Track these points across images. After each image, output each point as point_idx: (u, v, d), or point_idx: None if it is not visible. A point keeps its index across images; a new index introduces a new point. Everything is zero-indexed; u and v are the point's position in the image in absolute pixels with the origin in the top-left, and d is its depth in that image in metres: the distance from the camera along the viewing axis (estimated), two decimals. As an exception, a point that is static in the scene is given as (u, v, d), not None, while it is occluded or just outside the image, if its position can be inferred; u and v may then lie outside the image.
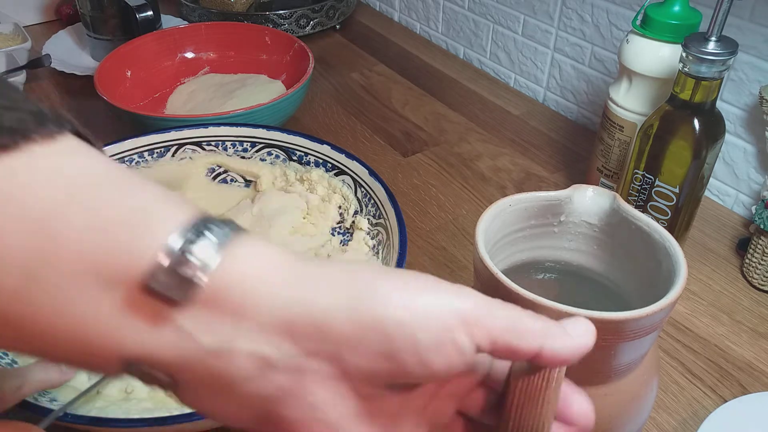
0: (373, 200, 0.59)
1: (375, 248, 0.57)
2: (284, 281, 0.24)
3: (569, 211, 0.41)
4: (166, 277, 0.23)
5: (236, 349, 0.24)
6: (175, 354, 0.24)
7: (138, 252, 0.23)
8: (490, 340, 0.25)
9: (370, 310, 0.24)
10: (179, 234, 0.23)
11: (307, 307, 0.24)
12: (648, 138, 0.51)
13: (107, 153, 0.28)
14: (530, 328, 0.25)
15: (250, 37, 0.90)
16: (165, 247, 0.23)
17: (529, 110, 0.90)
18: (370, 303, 0.24)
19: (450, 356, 0.24)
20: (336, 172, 0.63)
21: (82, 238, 0.23)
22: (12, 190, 0.23)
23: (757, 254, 0.61)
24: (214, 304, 0.24)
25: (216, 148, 0.66)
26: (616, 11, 0.78)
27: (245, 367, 0.24)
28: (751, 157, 0.69)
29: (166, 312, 0.24)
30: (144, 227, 0.23)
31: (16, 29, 0.96)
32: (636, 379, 0.38)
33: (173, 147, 0.65)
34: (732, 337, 0.57)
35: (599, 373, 0.36)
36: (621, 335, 0.33)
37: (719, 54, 0.47)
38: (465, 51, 1.02)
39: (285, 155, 0.65)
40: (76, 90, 0.91)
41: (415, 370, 0.24)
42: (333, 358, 0.24)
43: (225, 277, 0.24)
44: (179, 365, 0.25)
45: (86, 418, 0.42)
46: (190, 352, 0.24)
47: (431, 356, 0.24)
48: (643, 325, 0.33)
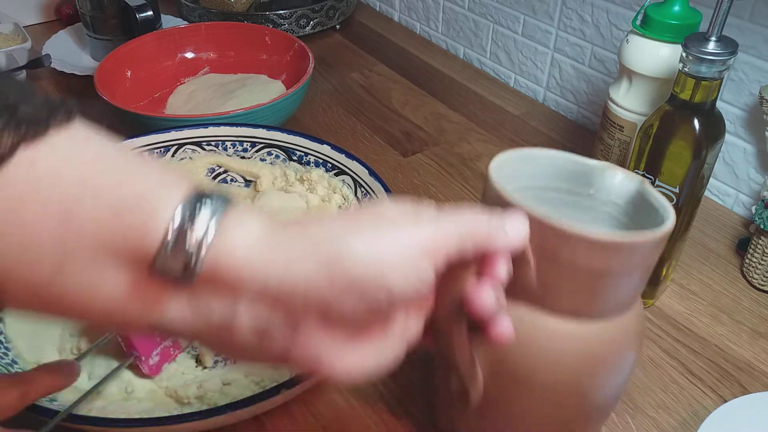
0: (373, 201, 0.59)
1: None
2: (271, 255, 0.27)
3: (599, 186, 0.40)
4: (171, 255, 0.25)
5: (237, 324, 0.28)
6: (186, 327, 0.28)
7: (145, 234, 0.26)
8: (446, 260, 0.30)
9: (345, 272, 0.27)
10: (180, 211, 0.26)
11: (292, 280, 0.27)
12: (648, 138, 0.51)
13: (144, 141, 0.34)
14: (478, 239, 0.31)
15: (250, 37, 0.89)
16: (166, 229, 0.25)
17: (529, 110, 0.90)
18: (345, 264, 0.27)
19: (416, 284, 0.29)
20: (336, 172, 0.63)
21: (99, 225, 0.25)
22: (35, 182, 0.25)
23: (757, 254, 0.61)
24: (214, 280, 0.27)
25: (216, 148, 0.66)
26: (616, 11, 0.78)
27: (247, 338, 0.29)
28: (751, 157, 0.69)
29: (174, 290, 0.27)
30: (149, 210, 0.26)
31: (16, 29, 0.96)
32: (616, 336, 0.38)
33: (173, 147, 0.65)
34: (732, 337, 0.57)
35: (586, 305, 0.37)
36: (612, 259, 0.34)
37: (719, 54, 0.47)
38: (465, 51, 1.02)
39: (285, 155, 0.65)
40: (75, 90, 0.91)
41: (388, 304, 0.29)
42: (319, 315, 0.29)
43: (221, 251, 0.26)
44: (193, 334, 0.29)
45: (86, 418, 0.42)
46: (199, 327, 0.28)
47: (401, 290, 0.28)
48: (633, 255, 0.35)
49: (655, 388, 0.53)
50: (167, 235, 0.25)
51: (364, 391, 0.52)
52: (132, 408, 0.46)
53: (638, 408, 0.51)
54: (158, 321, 0.28)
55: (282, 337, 0.29)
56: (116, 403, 0.46)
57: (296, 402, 0.51)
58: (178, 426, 0.41)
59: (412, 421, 0.50)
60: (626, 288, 0.37)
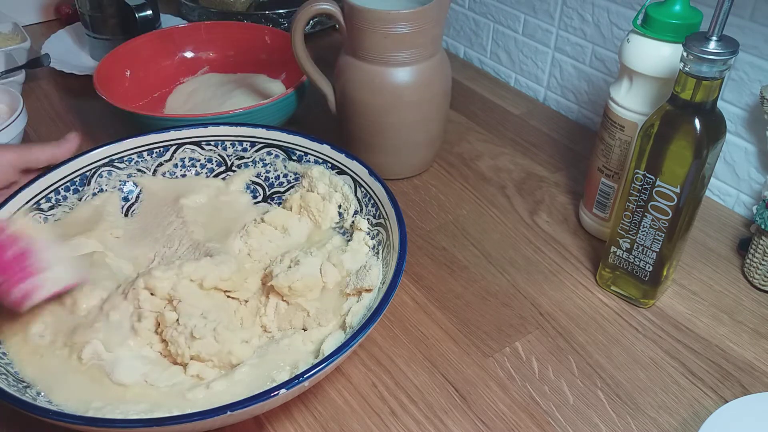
0: (373, 200, 0.59)
1: (375, 248, 0.57)
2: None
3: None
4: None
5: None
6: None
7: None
8: (23, 167, 0.60)
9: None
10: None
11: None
12: (649, 138, 0.51)
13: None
14: (37, 158, 0.60)
15: (250, 37, 0.89)
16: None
17: (530, 110, 0.90)
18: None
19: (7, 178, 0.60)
20: (337, 171, 0.62)
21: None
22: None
23: (758, 254, 0.61)
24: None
25: (215, 147, 0.66)
26: (617, 11, 0.77)
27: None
28: (752, 157, 0.69)
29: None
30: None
31: (15, 29, 0.95)
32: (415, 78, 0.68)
33: (172, 147, 0.65)
34: (733, 338, 0.57)
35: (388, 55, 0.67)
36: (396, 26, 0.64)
37: (720, 54, 0.47)
38: (465, 50, 1.02)
39: (285, 155, 0.65)
40: (75, 90, 0.91)
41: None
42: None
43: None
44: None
45: (84, 418, 0.42)
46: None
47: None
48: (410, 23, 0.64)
49: (656, 389, 0.53)
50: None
51: (363, 390, 0.52)
52: (129, 409, 0.45)
53: (639, 408, 0.51)
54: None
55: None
56: (113, 403, 0.46)
57: (296, 402, 0.51)
58: (177, 427, 0.41)
59: (412, 421, 0.50)
60: (411, 45, 0.66)
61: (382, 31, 0.65)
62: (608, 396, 0.52)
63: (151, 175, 0.65)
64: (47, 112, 0.86)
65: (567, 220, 0.70)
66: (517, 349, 0.56)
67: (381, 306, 0.47)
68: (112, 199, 0.62)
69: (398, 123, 0.69)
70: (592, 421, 0.50)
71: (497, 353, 0.55)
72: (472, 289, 0.61)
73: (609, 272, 0.60)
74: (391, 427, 0.50)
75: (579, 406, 0.51)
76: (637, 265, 0.57)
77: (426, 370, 0.54)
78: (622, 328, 0.58)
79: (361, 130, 0.71)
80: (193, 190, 0.64)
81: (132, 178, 0.64)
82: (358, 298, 0.53)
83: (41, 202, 0.58)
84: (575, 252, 0.66)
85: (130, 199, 0.64)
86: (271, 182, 0.66)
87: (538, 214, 0.71)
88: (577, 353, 0.56)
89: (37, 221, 0.57)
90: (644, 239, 0.56)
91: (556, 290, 0.61)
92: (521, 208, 0.72)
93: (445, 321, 0.58)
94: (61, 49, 0.97)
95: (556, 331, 0.57)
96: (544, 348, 0.56)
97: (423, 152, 0.74)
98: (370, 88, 0.68)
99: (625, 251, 0.58)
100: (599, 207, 0.65)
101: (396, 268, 0.50)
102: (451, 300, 0.60)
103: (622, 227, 0.57)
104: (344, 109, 0.72)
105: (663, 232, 0.54)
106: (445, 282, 0.62)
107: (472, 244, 0.67)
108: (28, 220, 0.53)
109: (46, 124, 0.84)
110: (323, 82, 0.73)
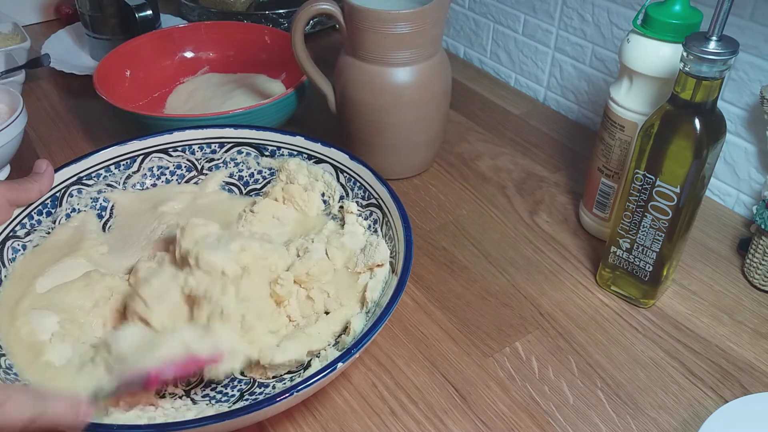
0: (359, 183, 0.60)
1: (371, 227, 0.58)
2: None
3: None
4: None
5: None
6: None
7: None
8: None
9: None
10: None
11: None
12: (649, 138, 0.51)
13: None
14: (28, 196, 0.56)
15: (250, 37, 0.89)
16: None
17: (530, 110, 0.90)
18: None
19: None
20: (315, 161, 0.63)
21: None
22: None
23: (758, 254, 0.61)
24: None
25: (183, 153, 0.65)
26: (617, 11, 0.77)
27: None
28: (752, 157, 0.69)
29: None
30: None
31: (15, 28, 0.95)
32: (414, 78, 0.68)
33: (139, 157, 0.64)
34: (733, 338, 0.57)
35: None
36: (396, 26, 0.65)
37: (720, 54, 0.47)
38: (465, 50, 1.02)
39: (256, 152, 0.65)
40: (75, 90, 0.91)
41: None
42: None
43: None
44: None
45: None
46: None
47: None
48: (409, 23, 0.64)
49: (656, 389, 0.53)
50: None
51: (363, 391, 0.52)
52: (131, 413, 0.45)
53: (639, 408, 0.51)
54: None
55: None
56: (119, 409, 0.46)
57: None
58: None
59: (412, 421, 0.50)
60: (411, 45, 0.66)
61: (382, 31, 0.65)
62: (608, 396, 0.52)
63: (122, 188, 0.63)
64: (47, 112, 0.86)
65: (567, 220, 0.70)
66: (517, 349, 0.56)
67: (386, 311, 0.47)
68: (89, 217, 0.61)
69: (398, 123, 0.70)
70: (592, 421, 0.50)
71: (497, 353, 0.55)
72: (472, 289, 0.62)
73: (609, 272, 0.60)
74: (391, 427, 0.50)
75: (579, 406, 0.51)
76: (637, 265, 0.57)
77: (426, 370, 0.54)
78: (622, 328, 0.58)
79: (361, 130, 0.71)
80: (169, 198, 0.63)
81: (103, 194, 0.62)
82: (371, 274, 0.55)
83: (16, 229, 0.56)
84: (575, 252, 0.66)
85: (104, 216, 0.62)
86: (245, 181, 0.66)
87: (538, 214, 0.71)
88: (577, 353, 0.56)
89: None
90: (644, 239, 0.56)
91: (556, 290, 0.61)
92: (521, 208, 0.72)
93: (445, 321, 0.58)
94: (61, 49, 0.97)
95: (556, 331, 0.57)
96: (544, 348, 0.56)
97: (423, 152, 0.74)
98: (370, 88, 0.68)
99: (625, 251, 0.58)
100: (599, 207, 0.65)
101: (405, 248, 0.52)
102: (451, 300, 0.60)
103: (622, 227, 0.57)
104: (344, 109, 0.72)
105: (663, 232, 0.54)
106: (445, 282, 0.62)
107: (472, 244, 0.67)
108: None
109: (46, 124, 0.84)
110: (323, 82, 0.73)
